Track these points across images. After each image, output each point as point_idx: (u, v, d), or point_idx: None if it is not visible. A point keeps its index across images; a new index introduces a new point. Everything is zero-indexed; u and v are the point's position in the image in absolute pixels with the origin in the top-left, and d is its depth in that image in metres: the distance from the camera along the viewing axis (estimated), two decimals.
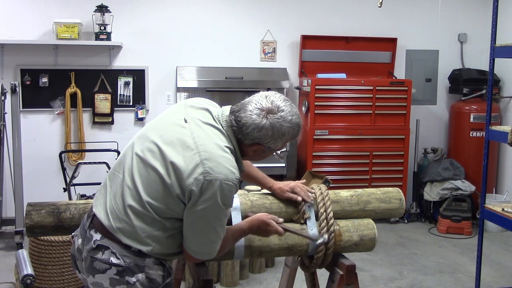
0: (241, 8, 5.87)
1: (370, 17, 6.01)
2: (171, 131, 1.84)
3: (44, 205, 2.09)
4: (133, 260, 1.81)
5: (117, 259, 1.80)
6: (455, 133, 6.16)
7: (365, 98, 5.66)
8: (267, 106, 1.83)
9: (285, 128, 1.84)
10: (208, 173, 1.72)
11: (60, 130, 5.59)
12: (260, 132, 1.82)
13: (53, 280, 3.92)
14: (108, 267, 1.81)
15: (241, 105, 1.86)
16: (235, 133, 1.85)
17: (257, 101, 1.85)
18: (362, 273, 4.37)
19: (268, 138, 1.84)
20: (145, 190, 1.78)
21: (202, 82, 5.64)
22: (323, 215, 2.17)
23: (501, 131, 3.65)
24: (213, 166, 1.73)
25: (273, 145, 1.87)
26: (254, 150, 1.89)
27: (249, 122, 1.81)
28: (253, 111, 1.82)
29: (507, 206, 3.79)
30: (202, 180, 1.72)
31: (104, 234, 1.83)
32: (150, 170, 1.79)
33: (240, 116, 1.83)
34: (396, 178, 5.74)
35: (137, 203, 1.79)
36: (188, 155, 1.76)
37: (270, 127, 1.81)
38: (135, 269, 1.81)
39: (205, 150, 1.76)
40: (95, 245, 1.83)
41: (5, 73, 5.41)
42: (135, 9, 5.64)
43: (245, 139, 1.85)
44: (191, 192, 1.73)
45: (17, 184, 4.26)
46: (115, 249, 1.81)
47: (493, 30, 3.69)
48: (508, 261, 4.87)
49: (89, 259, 1.84)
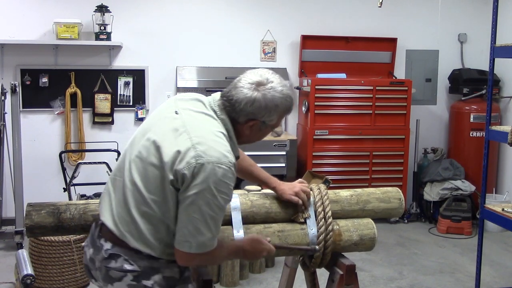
0: (241, 8, 5.87)
1: (370, 17, 6.01)
2: (163, 124, 1.84)
3: (44, 206, 2.08)
4: (146, 263, 1.80)
5: (131, 265, 1.79)
6: (455, 133, 6.16)
7: (365, 98, 5.66)
8: (256, 79, 1.84)
9: (277, 99, 1.83)
10: (200, 156, 1.70)
11: (60, 130, 5.59)
12: (253, 105, 1.81)
13: (53, 280, 3.93)
14: (123, 275, 1.80)
15: (230, 86, 1.87)
16: (229, 113, 1.85)
17: (246, 76, 1.86)
18: (362, 273, 4.37)
19: (262, 111, 1.83)
20: (146, 188, 1.77)
21: (202, 82, 5.64)
22: (321, 214, 2.17)
23: (501, 131, 3.65)
24: (205, 149, 1.71)
25: (268, 118, 1.86)
26: (250, 127, 1.87)
27: (240, 97, 1.81)
28: (244, 86, 1.83)
29: (507, 206, 3.80)
30: (194, 163, 1.69)
31: (114, 242, 1.82)
32: (148, 165, 1.78)
33: (231, 94, 1.84)
34: (396, 178, 5.74)
35: (141, 204, 1.77)
36: (180, 141, 1.74)
37: (263, 99, 1.81)
38: (150, 272, 1.80)
39: (197, 135, 1.75)
40: (107, 254, 1.82)
41: (5, 73, 5.41)
42: (135, 9, 5.64)
43: (239, 117, 1.84)
44: (183, 176, 1.69)
45: (17, 184, 4.26)
46: (127, 255, 1.80)
47: (493, 30, 3.70)
48: (508, 261, 4.87)
49: (103, 268, 1.83)
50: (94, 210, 2.08)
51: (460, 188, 5.71)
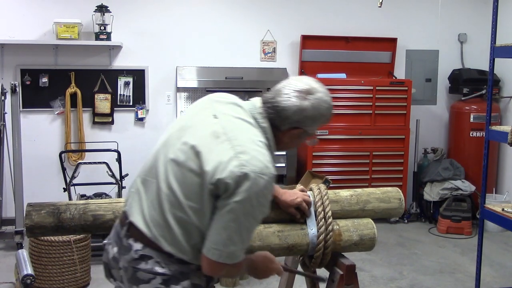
0: (241, 8, 5.87)
1: (370, 17, 6.01)
2: (201, 128, 1.77)
3: (44, 206, 2.08)
4: (177, 267, 1.75)
5: (162, 268, 1.74)
6: (455, 133, 6.16)
7: (365, 98, 5.66)
8: (304, 88, 1.81)
9: (324, 109, 1.82)
10: (244, 165, 1.64)
11: (60, 130, 5.59)
12: (302, 114, 1.79)
13: (53, 280, 3.93)
14: (152, 277, 1.75)
15: (273, 93, 1.83)
16: (272, 121, 1.80)
17: (292, 84, 1.82)
18: (362, 273, 4.37)
19: (308, 120, 1.81)
20: (183, 194, 1.71)
21: (202, 82, 5.64)
22: (321, 214, 2.17)
23: (501, 131, 3.65)
24: (248, 159, 1.66)
25: (310, 127, 1.85)
26: (291, 136, 1.85)
27: (289, 105, 1.78)
28: (291, 94, 1.79)
29: (507, 206, 3.80)
30: (237, 172, 1.63)
31: (146, 243, 1.76)
32: (186, 171, 1.72)
33: (277, 101, 1.79)
34: (396, 178, 5.75)
35: (177, 209, 1.72)
36: (222, 149, 1.68)
37: (311, 108, 1.79)
38: (180, 277, 1.75)
39: (239, 144, 1.69)
40: (137, 255, 1.76)
41: (5, 73, 5.41)
42: (135, 9, 5.64)
43: (283, 125, 1.81)
44: (226, 185, 1.64)
45: (17, 184, 4.26)
46: (159, 258, 1.74)
47: (493, 30, 3.70)
48: (508, 261, 4.87)
49: (131, 269, 1.78)
50: (94, 210, 2.08)
51: (460, 188, 5.71)
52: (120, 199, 2.22)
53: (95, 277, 4.19)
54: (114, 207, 2.11)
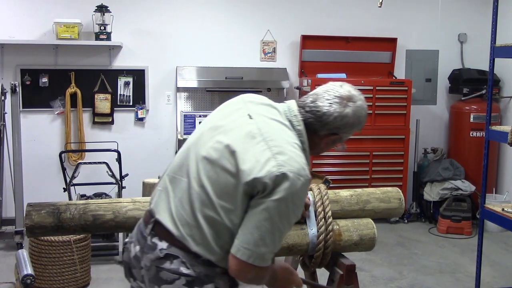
0: (241, 8, 5.87)
1: (370, 17, 6.01)
2: (235, 127, 1.75)
3: (44, 206, 2.08)
4: (203, 269, 1.70)
5: (187, 269, 1.69)
6: (455, 133, 6.17)
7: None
8: (346, 95, 1.82)
9: (362, 117, 1.84)
10: (282, 165, 1.62)
11: (60, 130, 5.59)
12: (343, 120, 1.79)
13: (53, 280, 3.93)
14: (176, 277, 1.70)
15: (313, 97, 1.83)
16: (311, 125, 1.79)
17: (333, 89, 1.83)
18: (362, 273, 4.36)
19: (348, 127, 1.82)
20: (216, 193, 1.68)
21: (202, 82, 5.64)
22: (321, 214, 2.17)
23: (501, 131, 3.65)
24: (286, 159, 1.64)
25: (346, 134, 1.85)
26: (327, 142, 1.85)
27: (330, 111, 1.78)
28: (333, 100, 1.79)
29: (507, 206, 3.80)
30: (276, 172, 1.61)
31: (171, 242, 1.72)
32: (219, 170, 1.68)
33: (318, 106, 1.79)
34: (396, 178, 5.75)
35: (208, 208, 1.68)
36: (259, 150, 1.66)
37: (352, 115, 1.80)
38: (205, 279, 1.70)
39: (276, 145, 1.67)
40: (162, 254, 1.72)
41: (5, 73, 5.42)
42: (135, 9, 5.64)
43: (322, 130, 1.80)
44: (264, 184, 1.61)
45: (17, 184, 4.26)
46: (185, 258, 1.70)
47: (493, 30, 3.70)
48: (508, 261, 4.87)
49: (154, 268, 1.73)
50: (94, 210, 2.08)
51: (460, 188, 5.71)
52: (120, 199, 2.22)
53: (95, 277, 4.19)
54: (114, 207, 2.11)
